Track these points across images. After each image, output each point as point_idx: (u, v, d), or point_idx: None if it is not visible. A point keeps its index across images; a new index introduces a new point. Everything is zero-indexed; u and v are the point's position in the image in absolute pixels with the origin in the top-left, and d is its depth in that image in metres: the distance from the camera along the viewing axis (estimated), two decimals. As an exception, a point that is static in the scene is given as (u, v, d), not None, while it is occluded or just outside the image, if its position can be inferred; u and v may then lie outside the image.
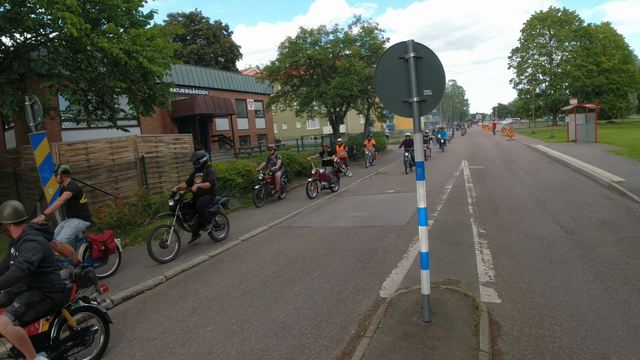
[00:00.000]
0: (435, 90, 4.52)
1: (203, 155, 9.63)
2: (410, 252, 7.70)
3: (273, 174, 14.66)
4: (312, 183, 15.08)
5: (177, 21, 52.76)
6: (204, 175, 9.45)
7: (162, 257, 8.45)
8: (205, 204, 9.28)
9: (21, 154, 11.87)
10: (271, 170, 14.69)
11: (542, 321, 4.77)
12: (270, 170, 14.69)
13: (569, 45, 61.69)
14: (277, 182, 14.76)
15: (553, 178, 14.55)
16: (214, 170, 9.64)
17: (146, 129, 25.53)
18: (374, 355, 4.24)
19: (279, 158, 15.21)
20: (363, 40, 28.76)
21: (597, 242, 7.34)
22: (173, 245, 8.80)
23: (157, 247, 8.48)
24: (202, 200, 9.21)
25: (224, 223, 10.25)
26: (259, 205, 14.00)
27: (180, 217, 9.07)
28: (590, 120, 27.57)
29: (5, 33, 11.38)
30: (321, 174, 15.46)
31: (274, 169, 14.76)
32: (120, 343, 5.24)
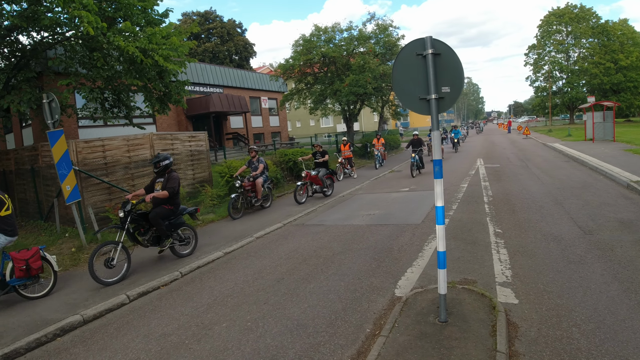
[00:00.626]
0: (453, 87, 4.47)
1: (165, 157, 8.47)
2: (425, 251, 7.65)
3: (253, 180, 12.77)
4: (302, 187, 13.89)
5: (191, 20, 53.09)
6: (164, 181, 8.30)
7: (106, 279, 7.31)
8: (162, 216, 8.12)
9: (39, 151, 12.02)
10: (251, 176, 12.76)
11: (560, 322, 4.71)
12: (250, 176, 12.76)
13: (586, 43, 60.74)
14: (259, 190, 12.80)
15: (570, 177, 14.36)
16: (177, 176, 8.44)
17: (161, 127, 25.74)
18: (390, 355, 4.21)
19: (262, 162, 13.29)
20: (377, 37, 28.61)
21: (615, 242, 7.22)
22: (121, 264, 7.58)
23: (103, 267, 7.44)
24: (156, 211, 8.05)
25: (191, 236, 9.02)
26: (235, 217, 12.07)
27: (131, 231, 7.96)
28: (608, 118, 27.14)
29: (23, 32, 11.56)
30: (312, 176, 14.18)
31: (254, 174, 12.82)
32: (136, 338, 5.29)
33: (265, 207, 13.38)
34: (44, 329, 5.62)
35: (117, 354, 4.95)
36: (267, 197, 13.62)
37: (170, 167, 8.48)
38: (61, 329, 5.67)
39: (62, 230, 10.86)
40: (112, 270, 7.50)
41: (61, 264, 8.54)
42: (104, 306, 6.30)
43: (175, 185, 8.25)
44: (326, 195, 14.71)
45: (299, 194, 13.64)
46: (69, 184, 9.33)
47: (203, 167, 14.43)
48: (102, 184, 11.10)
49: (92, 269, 7.05)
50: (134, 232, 8.06)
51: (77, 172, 10.23)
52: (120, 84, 12.87)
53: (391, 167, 23.25)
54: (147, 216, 8.12)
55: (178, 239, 8.65)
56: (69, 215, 10.62)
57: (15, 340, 5.33)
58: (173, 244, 8.53)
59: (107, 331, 5.62)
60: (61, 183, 9.31)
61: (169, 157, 8.53)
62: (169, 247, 8.53)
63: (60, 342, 5.47)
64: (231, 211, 11.96)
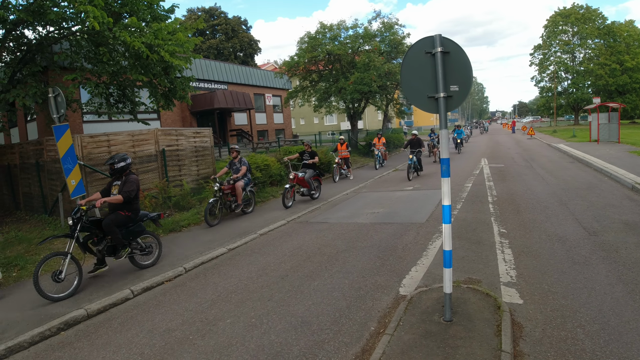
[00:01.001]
0: (462, 86, 4.46)
1: (122, 158, 7.62)
2: (430, 250, 7.64)
3: (234, 182, 11.71)
4: (290, 190, 12.97)
5: (196, 16, 53.10)
6: (120, 185, 7.51)
7: (54, 294, 6.54)
8: (117, 223, 7.29)
9: (44, 145, 12.05)
10: (231, 179, 11.77)
11: (564, 323, 4.69)
12: (230, 178, 11.77)
13: (592, 43, 60.53)
14: (239, 194, 11.67)
15: (575, 178, 14.31)
16: (135, 179, 7.61)
17: (166, 123, 25.78)
18: (394, 353, 4.21)
19: (245, 163, 12.18)
20: (383, 35, 28.57)
21: (620, 244, 7.19)
22: (72, 278, 6.82)
23: (50, 281, 6.71)
24: (110, 218, 7.24)
25: (154, 245, 8.16)
26: (212, 223, 10.94)
27: (81, 240, 7.21)
28: (613, 120, 27.03)
29: (29, 26, 11.57)
30: (300, 178, 13.36)
31: (235, 177, 11.76)
32: (140, 334, 5.30)
33: (247, 213, 12.31)
34: (48, 323, 5.64)
35: (121, 348, 4.96)
36: (249, 202, 12.54)
37: (128, 169, 7.71)
38: (65, 323, 5.69)
39: (66, 225, 10.88)
40: (62, 285, 6.69)
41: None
42: (108, 301, 6.32)
43: (132, 189, 7.43)
44: (313, 198, 13.96)
45: (286, 198, 12.78)
46: (74, 179, 9.35)
47: (207, 163, 14.44)
48: (107, 178, 11.10)
49: (37, 282, 6.28)
50: (86, 241, 7.32)
51: (82, 166, 10.26)
52: (125, 79, 12.88)
53: (393, 167, 22.88)
54: (100, 223, 7.27)
55: (138, 248, 7.82)
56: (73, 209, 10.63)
57: (19, 334, 5.36)
58: (132, 253, 7.68)
59: (111, 326, 5.64)
60: (66, 177, 9.31)
61: (127, 158, 7.74)
62: (128, 258, 7.66)
63: (64, 336, 5.49)
64: (208, 217, 10.82)
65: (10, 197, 15.11)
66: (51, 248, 9.18)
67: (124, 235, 7.45)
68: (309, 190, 13.71)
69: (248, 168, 12.27)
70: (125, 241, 7.48)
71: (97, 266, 7.55)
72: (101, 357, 4.82)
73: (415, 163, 17.43)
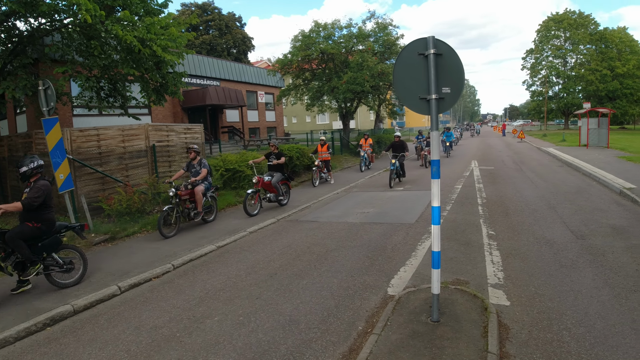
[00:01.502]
0: (453, 88, 4.47)
1: (31, 160, 6.62)
2: (419, 251, 7.67)
3: (192, 187, 10.44)
4: (253, 195, 11.73)
5: (190, 11, 52.81)
6: (29, 191, 6.46)
7: None
8: (24, 236, 6.35)
9: (33, 138, 11.93)
10: (189, 183, 10.47)
11: (550, 325, 4.74)
12: (188, 183, 10.47)
13: (583, 49, 61.07)
14: (199, 200, 10.37)
15: (564, 182, 14.44)
16: (44, 184, 6.53)
17: (157, 118, 25.61)
18: (382, 353, 4.22)
19: (205, 165, 10.79)
20: (377, 36, 28.59)
21: (607, 248, 7.27)
22: None
23: None
24: (15, 230, 6.34)
25: (75, 260, 7.04)
26: (167, 234, 9.62)
27: None
28: (603, 125, 27.29)
29: (20, 18, 11.43)
30: (265, 183, 12.07)
31: (193, 181, 10.45)
32: (127, 330, 5.26)
33: (208, 221, 11.05)
34: (34, 318, 5.58)
35: (108, 345, 4.92)
36: (211, 209, 11.25)
37: (39, 173, 6.70)
38: (51, 319, 5.63)
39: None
40: None
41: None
42: (95, 297, 6.27)
43: (37, 195, 6.34)
44: (282, 204, 12.73)
45: (249, 205, 11.56)
46: (63, 173, 9.27)
47: (198, 160, 14.35)
48: (96, 173, 11.04)
49: None
50: None
51: (70, 160, 10.16)
52: (116, 74, 12.77)
53: (379, 169, 21.83)
54: (4, 236, 6.32)
55: (55, 264, 6.75)
56: (61, 204, 10.54)
57: (5, 329, 5.29)
58: (49, 270, 6.66)
59: (98, 322, 5.59)
60: (54, 171, 9.24)
61: (35, 160, 6.65)
62: (44, 275, 6.65)
63: (50, 331, 5.43)
64: (162, 227, 9.54)
65: (-3, 189, 14.94)
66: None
67: (35, 251, 6.52)
68: (276, 196, 12.46)
69: (209, 171, 10.99)
70: (36, 257, 6.51)
71: (19, 284, 6.63)
72: (87, 353, 4.78)
73: (398, 168, 15.98)
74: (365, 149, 21.84)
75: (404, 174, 16.65)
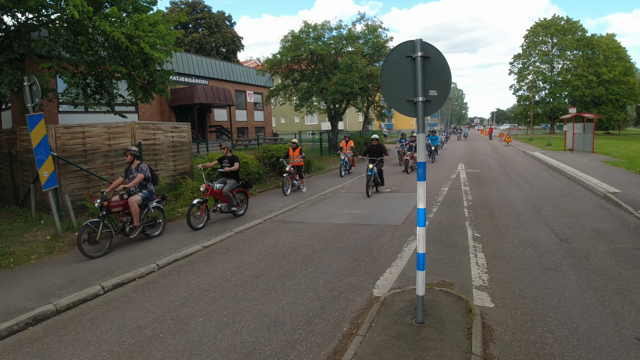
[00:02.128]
0: (440, 91, 4.49)
1: None
2: (404, 252, 7.69)
3: (128, 197, 8.95)
4: (200, 206, 10.17)
5: (179, 9, 52.43)
6: None
7: None
8: None
9: (17, 134, 11.75)
10: (125, 191, 9.05)
11: (534, 327, 4.77)
12: (124, 192, 9.06)
13: (570, 55, 61.89)
14: (134, 213, 8.85)
15: (549, 185, 14.59)
16: None
17: (144, 116, 25.40)
18: (366, 354, 4.22)
19: (143, 170, 9.17)
20: (366, 38, 28.62)
21: (591, 251, 7.36)
22: None
23: None
24: None
25: None
26: (92, 254, 8.11)
27: None
28: (588, 130, 27.65)
29: (7, 12, 11.27)
30: (216, 191, 10.58)
31: (127, 186, 8.88)
32: (110, 330, 5.20)
33: (152, 236, 9.47)
34: (16, 317, 5.49)
35: (90, 345, 4.86)
36: (154, 222, 9.53)
37: None
38: (33, 318, 5.55)
39: (37, 217, 10.64)
40: None
41: (35, 252, 8.38)
42: (77, 296, 6.18)
43: None
44: (237, 215, 11.25)
45: (194, 217, 10.06)
46: (47, 170, 9.14)
47: (185, 159, 14.27)
48: (81, 171, 10.90)
49: None
50: None
51: (55, 158, 10.03)
52: (103, 70, 12.64)
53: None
54: None
55: None
56: (45, 202, 10.41)
57: (-15, 328, 5.20)
58: None
59: (81, 322, 5.52)
60: (38, 169, 9.11)
61: None
62: None
63: (32, 331, 5.35)
64: (82, 245, 8.00)
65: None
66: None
67: None
68: (228, 206, 10.96)
69: (148, 177, 9.30)
70: None
71: None
72: (69, 353, 4.71)
73: (375, 175, 14.05)
74: (346, 152, 20.40)
75: (382, 181, 14.60)
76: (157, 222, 9.64)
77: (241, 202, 11.53)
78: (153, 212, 9.51)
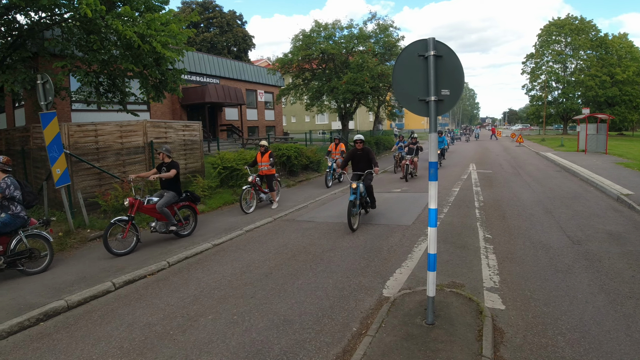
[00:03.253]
0: (453, 90, 4.46)
1: None
2: (415, 253, 7.65)
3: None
4: (124, 227, 8.30)
5: (190, 8, 52.69)
6: None
7: None
8: None
9: (30, 132, 11.87)
10: None
11: (545, 330, 4.73)
12: None
13: (584, 54, 61.25)
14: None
15: (561, 187, 14.45)
16: None
17: (155, 115, 25.56)
18: (375, 355, 4.20)
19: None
20: (377, 37, 28.59)
21: (603, 253, 7.27)
22: None
23: None
24: None
25: None
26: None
27: None
28: (601, 131, 27.33)
29: (21, 11, 11.38)
30: (147, 207, 8.69)
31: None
32: (120, 327, 5.23)
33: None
34: (27, 313, 5.55)
35: (101, 341, 4.90)
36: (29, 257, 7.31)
37: None
38: (44, 314, 5.60)
39: (49, 214, 10.73)
40: None
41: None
42: (89, 292, 6.24)
43: None
44: (180, 235, 9.29)
45: (115, 239, 8.29)
46: (59, 168, 9.23)
47: (196, 157, 14.34)
48: (93, 169, 11.00)
49: None
50: None
51: (68, 155, 10.13)
52: (116, 69, 12.73)
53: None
54: None
55: None
56: (57, 199, 10.50)
57: (-3, 323, 5.26)
58: None
59: (91, 318, 5.56)
60: (51, 166, 9.20)
61: None
62: None
63: (43, 327, 5.40)
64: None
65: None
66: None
67: None
68: (166, 225, 8.96)
69: None
70: None
71: None
72: (80, 349, 4.75)
73: (363, 195, 10.00)
74: (335, 157, 16.65)
75: (372, 202, 10.49)
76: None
77: (186, 219, 9.46)
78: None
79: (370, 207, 10.52)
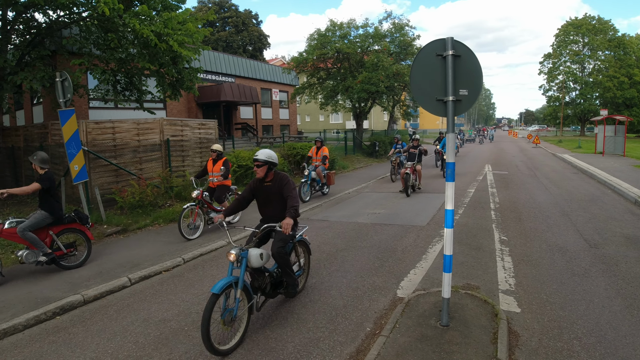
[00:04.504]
0: (471, 90, 4.42)
1: None
2: (429, 254, 7.61)
3: None
4: None
5: (207, 7, 52.99)
6: None
7: None
8: None
9: (49, 129, 12.05)
10: None
11: (561, 334, 4.67)
12: None
13: (602, 55, 60.31)
14: None
15: (578, 189, 14.26)
16: None
17: (171, 113, 25.76)
18: (389, 355, 4.19)
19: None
20: (393, 36, 28.47)
21: (620, 257, 7.16)
22: None
23: None
24: None
25: None
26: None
27: None
28: (620, 132, 26.92)
29: (39, 9, 11.54)
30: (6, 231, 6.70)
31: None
32: (136, 322, 5.29)
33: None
34: (44, 306, 5.64)
35: (116, 336, 4.95)
36: None
37: None
38: (61, 308, 5.69)
39: (67, 210, 10.88)
40: None
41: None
42: (105, 287, 6.32)
43: None
44: (64, 267, 7.21)
45: None
46: (77, 164, 9.35)
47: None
48: (110, 165, 11.12)
49: None
50: None
51: (85, 152, 10.26)
52: (133, 67, 12.86)
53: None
54: None
55: None
56: (75, 195, 10.65)
57: (14, 317, 5.35)
58: None
59: (107, 313, 5.63)
60: (69, 162, 9.33)
61: None
62: None
63: (59, 320, 5.48)
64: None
65: (12, 179, 15.11)
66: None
67: None
68: (35, 254, 6.80)
69: None
70: None
71: None
72: (95, 343, 4.81)
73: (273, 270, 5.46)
74: (314, 163, 13.65)
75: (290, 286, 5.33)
76: None
77: (71, 246, 7.41)
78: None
79: (284, 292, 5.41)
